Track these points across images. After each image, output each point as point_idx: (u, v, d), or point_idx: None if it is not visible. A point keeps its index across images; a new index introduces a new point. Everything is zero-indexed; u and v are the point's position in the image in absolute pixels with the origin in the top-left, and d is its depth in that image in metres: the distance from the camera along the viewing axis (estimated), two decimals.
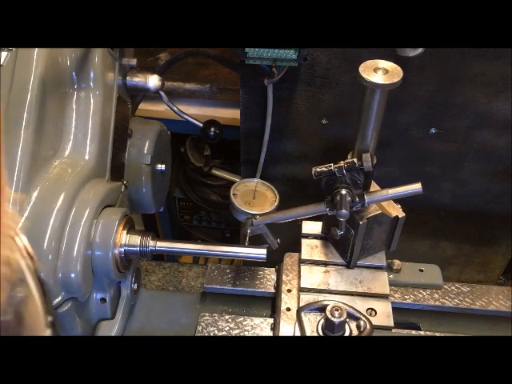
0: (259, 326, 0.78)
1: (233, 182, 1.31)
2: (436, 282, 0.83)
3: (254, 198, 0.81)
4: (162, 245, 0.72)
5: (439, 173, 0.94)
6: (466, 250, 1.01)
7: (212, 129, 0.95)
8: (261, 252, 0.74)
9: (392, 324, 0.73)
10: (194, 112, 1.08)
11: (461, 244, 1.01)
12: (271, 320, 0.79)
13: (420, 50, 0.66)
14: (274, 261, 0.82)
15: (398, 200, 0.75)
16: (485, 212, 0.97)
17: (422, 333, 0.79)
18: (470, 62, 0.80)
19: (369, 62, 0.63)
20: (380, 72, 0.62)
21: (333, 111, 0.90)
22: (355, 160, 0.69)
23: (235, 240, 1.43)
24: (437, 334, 0.78)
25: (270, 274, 0.85)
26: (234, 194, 0.81)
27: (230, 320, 0.79)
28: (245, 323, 0.78)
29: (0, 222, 0.22)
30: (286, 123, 0.92)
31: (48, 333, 0.28)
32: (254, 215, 0.77)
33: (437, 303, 0.82)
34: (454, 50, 0.78)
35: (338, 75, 0.85)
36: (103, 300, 0.73)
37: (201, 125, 0.98)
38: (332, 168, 0.69)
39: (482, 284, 0.85)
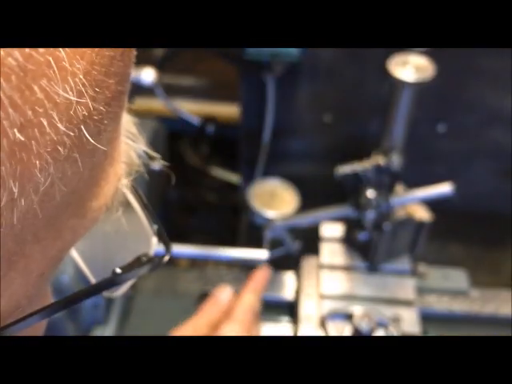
0: None
1: (232, 183, 1.29)
2: (462, 287, 0.81)
3: (272, 199, 0.79)
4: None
5: (447, 172, 0.92)
6: (476, 253, 0.99)
7: (210, 126, 0.93)
8: (261, 254, 0.73)
9: (418, 331, 0.71)
10: (191, 108, 1.05)
11: (471, 246, 0.99)
12: (271, 325, 0.77)
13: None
14: (277, 264, 0.80)
15: None
16: (495, 213, 0.95)
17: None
18: (481, 56, 0.78)
19: (398, 58, 0.62)
20: (410, 68, 0.60)
21: (336, 107, 0.87)
22: (381, 160, 0.66)
23: (234, 242, 1.41)
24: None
25: (270, 277, 0.83)
26: (251, 196, 0.78)
27: None
28: None
29: None
30: (288, 120, 0.90)
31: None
32: (273, 218, 0.74)
33: (445, 308, 0.79)
34: None
35: (342, 70, 0.83)
36: (96, 305, 0.72)
37: (198, 122, 0.96)
38: (357, 168, 0.67)
39: (492, 287, 0.83)
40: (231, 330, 0.60)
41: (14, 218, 0.16)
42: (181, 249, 0.73)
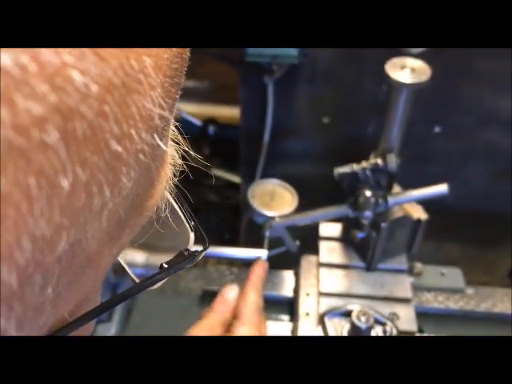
0: None
1: (232, 182, 1.30)
2: (458, 286, 0.82)
3: (272, 199, 0.80)
4: None
5: (444, 172, 0.93)
6: (471, 252, 0.99)
7: (211, 128, 0.94)
8: (261, 254, 0.73)
9: (415, 328, 0.72)
10: (193, 110, 1.06)
11: (466, 245, 1.00)
12: (271, 322, 0.77)
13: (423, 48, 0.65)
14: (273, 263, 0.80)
15: None
16: (491, 212, 0.96)
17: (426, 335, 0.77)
18: (476, 58, 0.79)
19: (395, 60, 0.63)
20: (407, 70, 0.61)
21: (335, 109, 0.88)
22: (379, 161, 0.67)
23: (234, 241, 1.42)
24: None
25: (270, 276, 0.83)
26: (251, 196, 0.79)
27: None
28: None
29: None
30: (287, 122, 0.91)
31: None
32: (272, 217, 0.75)
33: (441, 306, 0.80)
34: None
35: (341, 72, 0.83)
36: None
37: (199, 124, 0.97)
38: (355, 169, 0.68)
39: (487, 286, 0.83)
40: (244, 333, 0.61)
41: (102, 220, 0.18)
42: None
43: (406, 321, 0.73)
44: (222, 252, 0.74)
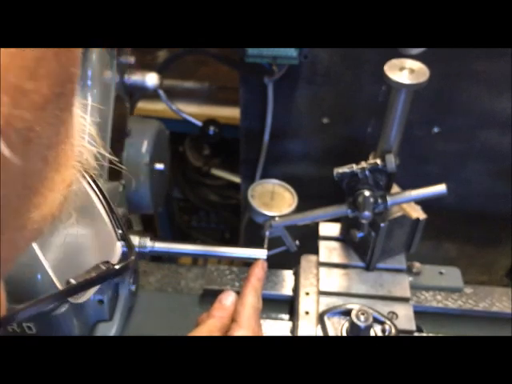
0: None
1: (232, 182, 1.30)
2: (457, 285, 0.82)
3: (272, 199, 0.80)
4: (161, 246, 0.71)
5: (442, 172, 0.93)
6: (469, 251, 1.00)
7: (211, 128, 0.94)
8: (261, 253, 0.73)
9: (414, 327, 0.73)
10: (193, 111, 1.06)
11: (464, 245, 1.00)
12: (271, 321, 0.78)
13: (422, 48, 0.66)
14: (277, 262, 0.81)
15: None
16: (489, 212, 0.96)
17: (424, 335, 0.78)
18: (474, 60, 0.79)
19: (394, 61, 0.63)
20: (406, 71, 0.62)
21: (334, 110, 0.89)
22: (378, 161, 0.68)
23: (235, 241, 1.42)
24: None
25: (270, 275, 0.84)
26: (251, 196, 0.80)
27: None
28: None
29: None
30: (287, 122, 0.91)
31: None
32: (272, 217, 0.76)
33: (439, 305, 0.81)
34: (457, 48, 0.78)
35: (340, 73, 0.84)
36: (101, 302, 0.72)
37: (200, 124, 0.97)
38: (354, 169, 0.68)
39: (485, 285, 0.84)
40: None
41: None
42: (182, 247, 0.73)
43: (404, 320, 0.73)
44: (222, 252, 0.74)
